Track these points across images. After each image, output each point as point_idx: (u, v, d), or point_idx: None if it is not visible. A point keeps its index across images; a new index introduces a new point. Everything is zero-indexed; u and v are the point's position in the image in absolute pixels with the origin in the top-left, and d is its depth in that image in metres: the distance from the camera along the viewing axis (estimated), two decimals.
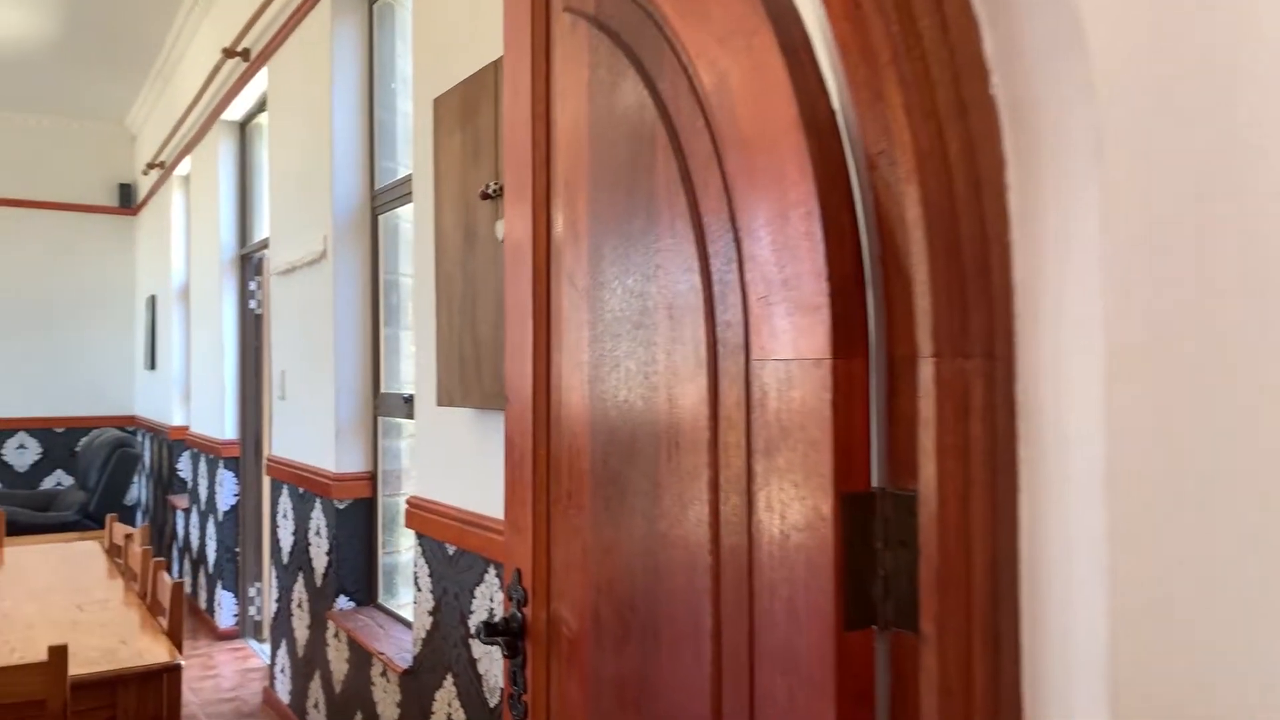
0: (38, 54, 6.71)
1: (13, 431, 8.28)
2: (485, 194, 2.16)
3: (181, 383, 6.86)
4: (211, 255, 5.71)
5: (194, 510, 6.11)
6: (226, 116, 5.37)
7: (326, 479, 3.57)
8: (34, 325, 8.37)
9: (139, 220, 8.62)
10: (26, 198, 8.32)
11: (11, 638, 2.44)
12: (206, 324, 5.85)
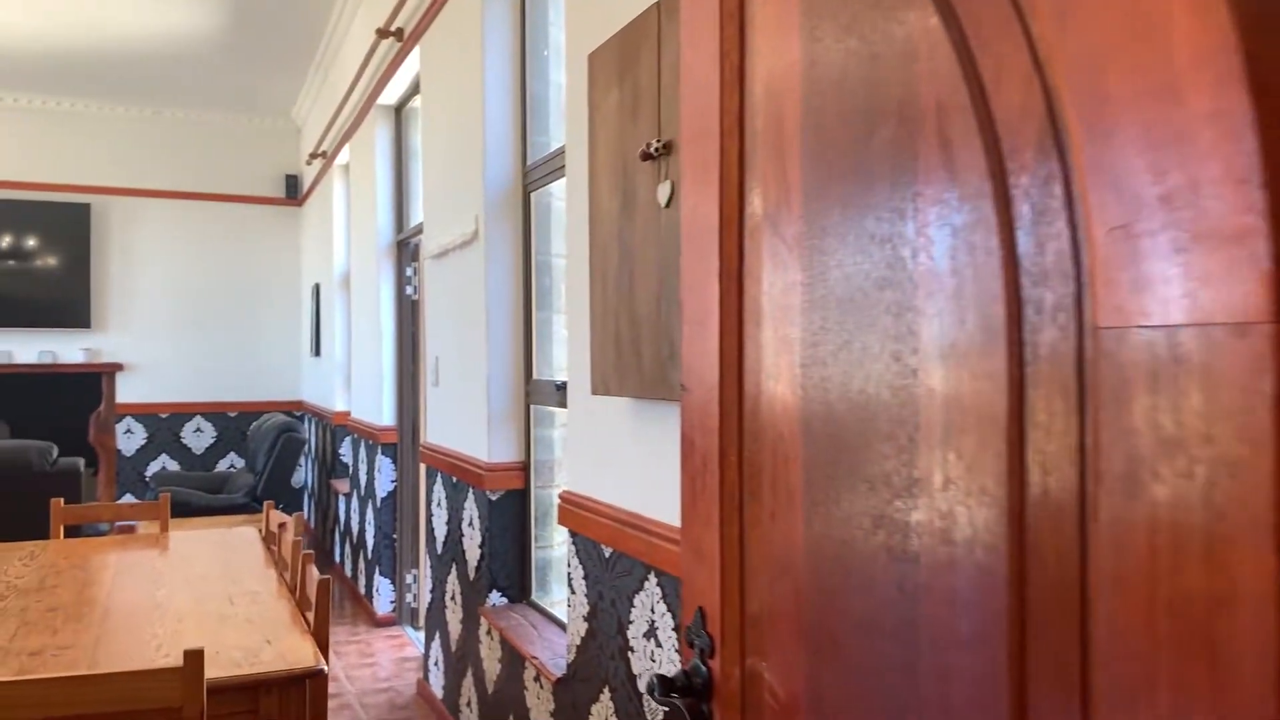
0: (208, 51, 6.92)
1: (190, 415, 8.68)
2: (647, 153, 1.90)
3: (343, 369, 6.97)
4: (370, 242, 5.72)
5: (354, 495, 6.17)
6: (382, 101, 5.34)
7: (479, 468, 3.42)
8: (209, 313, 8.73)
9: (304, 211, 8.86)
10: (202, 191, 8.68)
11: (160, 631, 2.37)
12: (366, 311, 5.87)
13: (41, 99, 8.08)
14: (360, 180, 6.05)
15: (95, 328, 8.34)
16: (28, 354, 8.17)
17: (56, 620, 2.48)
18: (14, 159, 8.04)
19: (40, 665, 2.10)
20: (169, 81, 7.66)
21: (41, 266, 8.16)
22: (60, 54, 6.96)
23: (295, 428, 6.85)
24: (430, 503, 4.23)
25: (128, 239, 8.47)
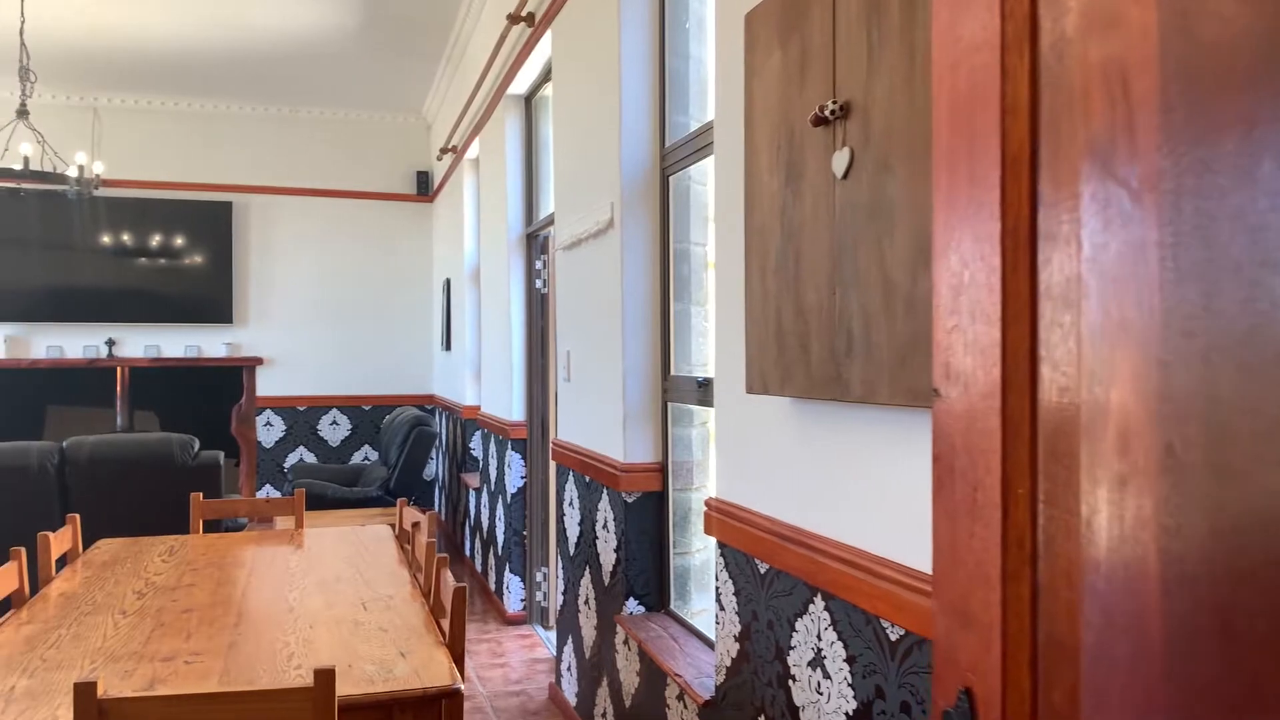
0: (342, 49, 6.99)
1: (326, 408, 8.86)
2: (820, 118, 1.66)
3: (473, 363, 6.95)
4: (499, 236, 5.64)
5: (484, 490, 6.12)
6: (512, 91, 5.24)
7: (614, 468, 3.24)
8: (344, 308, 8.90)
9: (434, 206, 8.92)
10: (336, 188, 8.84)
11: (291, 639, 2.27)
12: (495, 305, 5.80)
13: (187, 101, 8.36)
14: (490, 173, 5.98)
15: (237, 323, 8.60)
16: (175, 348, 8.48)
17: (190, 623, 2.41)
18: (161, 160, 8.35)
19: (171, 674, 2.02)
20: (305, 80, 7.80)
21: (187, 264, 8.46)
22: (203, 57, 7.15)
23: (427, 421, 6.86)
24: (562, 501, 4.09)
25: (266, 236, 8.69)
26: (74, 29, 6.47)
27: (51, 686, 1.93)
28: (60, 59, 6.98)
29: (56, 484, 4.59)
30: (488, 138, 5.98)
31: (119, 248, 8.27)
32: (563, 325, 4.12)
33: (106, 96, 8.14)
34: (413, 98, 8.38)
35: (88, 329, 8.25)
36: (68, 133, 7.64)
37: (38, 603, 2.61)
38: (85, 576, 2.91)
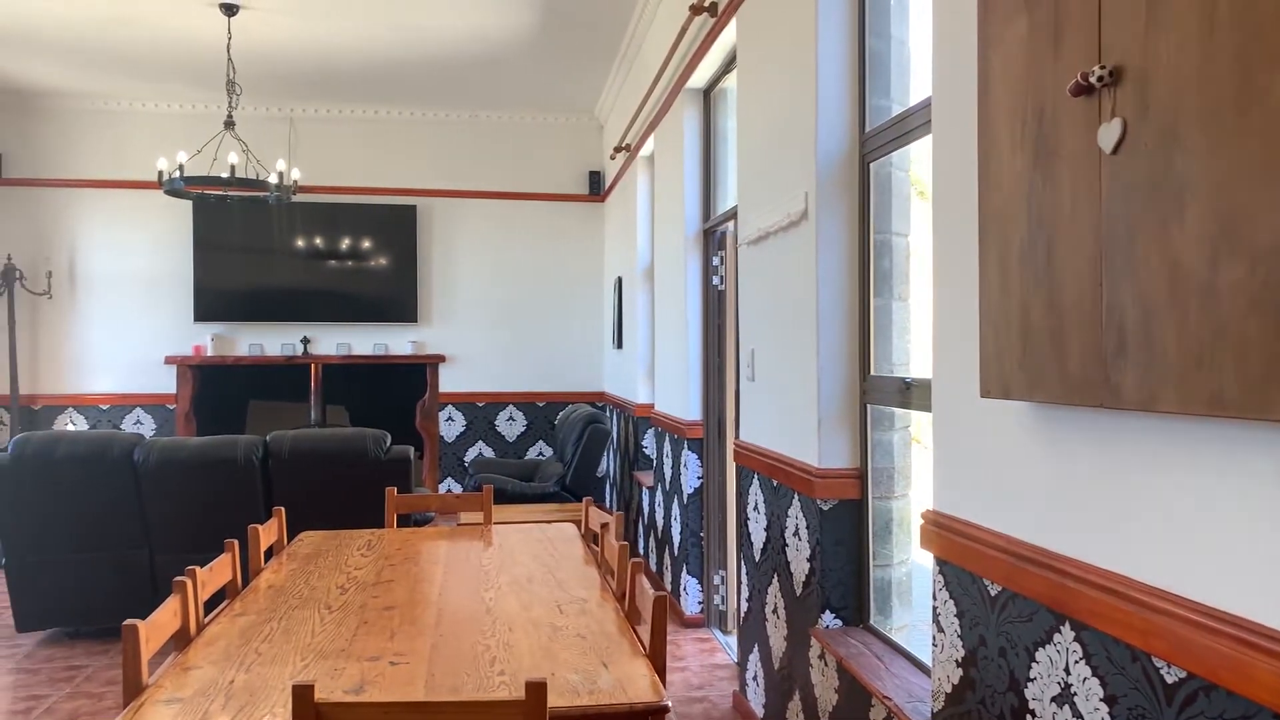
0: (518, 52, 7.09)
1: (504, 404, 9.06)
2: (1082, 86, 1.46)
3: (646, 361, 6.91)
4: (675, 233, 5.56)
5: (659, 489, 6.07)
6: (691, 84, 5.14)
7: (808, 474, 3.08)
8: (519, 308, 9.07)
9: (606, 206, 8.97)
10: (512, 190, 9.02)
11: (492, 642, 2.24)
12: (670, 303, 5.73)
13: (374, 109, 8.71)
14: (665, 170, 5.91)
15: (421, 321, 8.91)
16: (364, 346, 8.87)
17: (393, 621, 2.42)
18: (351, 166, 8.73)
19: (378, 675, 2.01)
20: (483, 85, 7.97)
21: (375, 266, 8.82)
22: (388, 66, 7.41)
23: (601, 419, 6.88)
24: (745, 505, 3.96)
25: (448, 238, 8.96)
26: (273, 44, 6.82)
27: (267, 682, 1.96)
28: (260, 73, 7.39)
29: (260, 476, 4.82)
30: (663, 134, 5.91)
31: (312, 251, 8.71)
32: (746, 323, 3.99)
33: (301, 107, 8.58)
34: (585, 98, 8.44)
35: (285, 328, 8.73)
36: (266, 142, 8.09)
37: (249, 594, 2.70)
38: (291, 569, 3.00)
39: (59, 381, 8.46)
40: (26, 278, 8.24)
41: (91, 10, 6.17)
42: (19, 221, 8.36)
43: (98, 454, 4.66)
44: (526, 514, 6.05)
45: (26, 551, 4.70)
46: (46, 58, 7.24)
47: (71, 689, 4.22)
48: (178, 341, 8.55)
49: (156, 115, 8.48)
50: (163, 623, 2.13)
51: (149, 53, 7.08)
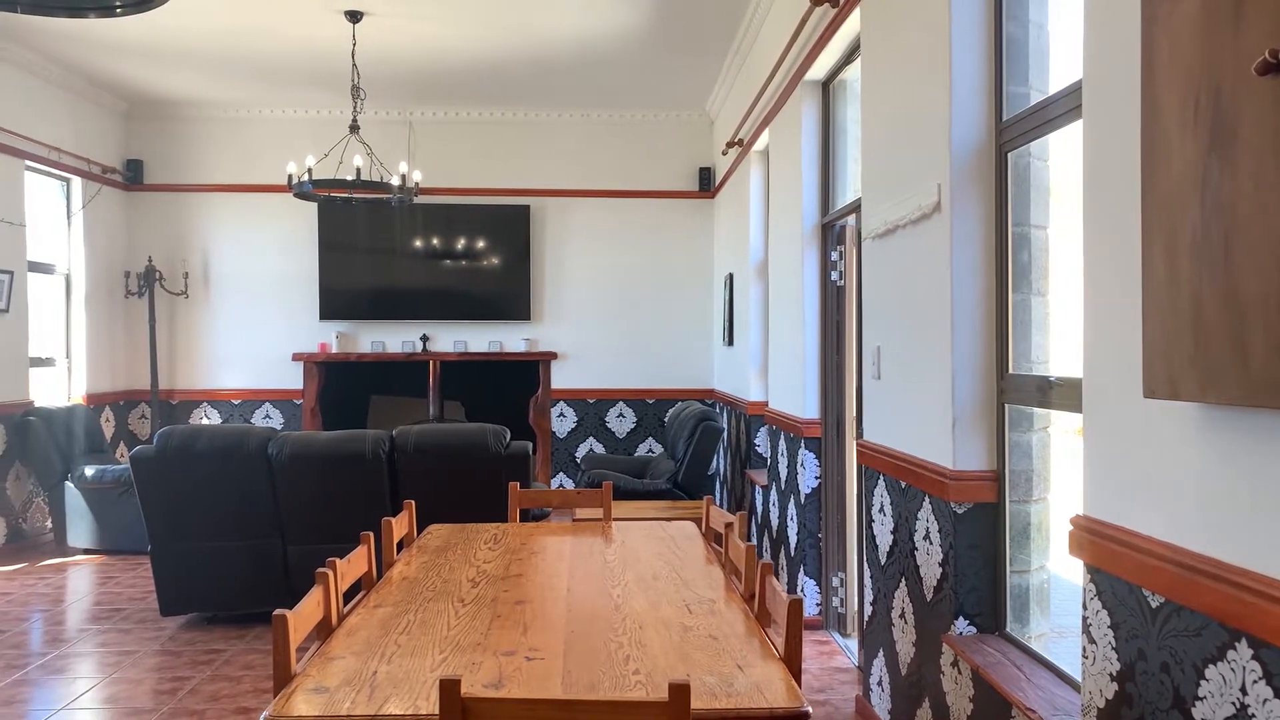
0: (631, 51, 7.11)
1: (614, 401, 9.11)
2: (1270, 64, 1.35)
3: (758, 359, 6.84)
4: (790, 228, 5.48)
5: (773, 488, 5.99)
6: (810, 77, 5.06)
7: (940, 475, 2.98)
8: (629, 305, 9.11)
9: (716, 202, 8.92)
10: (622, 188, 9.06)
11: (625, 640, 2.23)
12: (785, 299, 5.65)
13: (489, 111, 8.87)
14: (781, 164, 5.83)
15: (534, 319, 9.04)
16: (479, 343, 9.05)
17: (525, 615, 2.44)
18: (468, 167, 8.92)
19: (515, 670, 2.03)
20: (596, 84, 8.02)
21: (490, 265, 8.99)
22: (504, 68, 7.52)
23: (713, 416, 6.84)
24: (869, 506, 3.87)
25: (559, 237, 9.07)
26: (394, 49, 7.00)
27: (410, 674, 2.00)
28: (381, 77, 7.60)
29: (386, 469, 4.95)
30: (779, 128, 5.83)
31: (430, 251, 8.93)
32: (870, 319, 3.90)
33: (419, 110, 8.80)
34: (696, 94, 8.41)
35: (405, 326, 8.98)
36: (387, 145, 8.32)
37: (384, 586, 2.76)
38: (422, 562, 3.06)
39: (194, 377, 8.89)
40: (165, 278, 8.69)
41: (225, 23, 6.44)
42: (159, 225, 8.82)
43: (235, 447, 4.86)
44: (639, 510, 6.06)
45: (169, 539, 4.94)
46: (185, 70, 7.61)
47: (212, 671, 4.42)
48: (304, 339, 8.89)
49: (283, 121, 8.82)
50: (308, 613, 2.20)
51: (277, 61, 7.37)
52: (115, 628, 5.12)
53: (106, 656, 4.66)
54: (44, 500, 7.36)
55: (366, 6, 6.15)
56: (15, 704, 4.06)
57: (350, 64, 6.61)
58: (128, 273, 8.66)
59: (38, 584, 6.12)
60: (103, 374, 8.37)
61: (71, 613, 5.48)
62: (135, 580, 6.15)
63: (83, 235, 8.11)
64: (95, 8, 2.93)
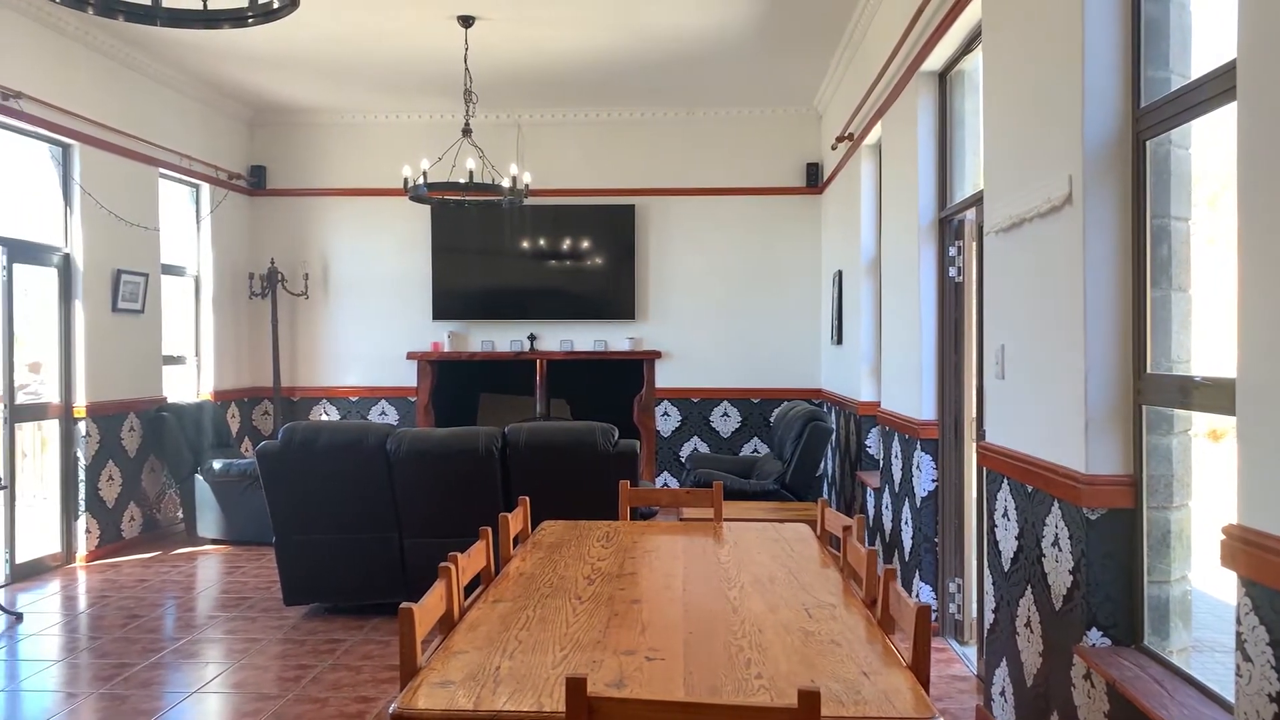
0: (738, 47, 7.05)
1: (718, 400, 9.06)
2: None
3: (869, 358, 6.70)
4: (905, 223, 5.34)
5: (886, 490, 5.86)
6: (926, 68, 4.92)
7: (1072, 480, 2.85)
8: (733, 303, 9.05)
9: (824, 197, 8.78)
10: (727, 186, 9.00)
11: (744, 643, 2.20)
12: (899, 296, 5.51)
13: (595, 111, 8.93)
14: (895, 158, 5.69)
15: (638, 318, 9.06)
16: (585, 342, 9.12)
17: (642, 614, 2.43)
18: (573, 168, 8.99)
19: (636, 670, 2.02)
20: (702, 82, 7.99)
21: (595, 265, 9.05)
22: (611, 68, 7.56)
23: (822, 417, 6.73)
24: (991, 510, 3.73)
25: (664, 236, 9.06)
26: (504, 53, 7.10)
27: (532, 670, 2.01)
28: (492, 81, 7.72)
29: (499, 466, 5.03)
30: (893, 120, 5.69)
31: (537, 251, 9.05)
32: (993, 317, 3.76)
33: (528, 112, 8.91)
34: (804, 89, 8.29)
35: (513, 325, 9.12)
36: (496, 148, 8.45)
37: (502, 581, 2.79)
38: (537, 558, 3.09)
39: (314, 375, 9.22)
40: (287, 280, 9.03)
41: (343, 31, 6.64)
42: (280, 229, 9.17)
43: (355, 443, 5.01)
44: (746, 511, 6.00)
45: (293, 531, 5.12)
46: (305, 78, 7.89)
47: (333, 661, 4.56)
48: (418, 338, 9.12)
49: (398, 126, 9.06)
50: (431, 606, 2.23)
51: (393, 68, 7.56)
52: (242, 615, 5.34)
53: (234, 643, 4.86)
54: (175, 492, 7.74)
55: (479, 11, 6.25)
56: (153, 685, 4.26)
57: (463, 68, 6.74)
58: (252, 274, 9.03)
59: (170, 572, 6.43)
60: (228, 372, 8.75)
61: (201, 600, 5.74)
62: (259, 570, 6.40)
63: (210, 239, 8.49)
64: (228, 18, 3.05)
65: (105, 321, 6.93)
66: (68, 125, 6.50)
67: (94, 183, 6.78)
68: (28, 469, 6.90)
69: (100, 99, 6.84)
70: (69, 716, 3.92)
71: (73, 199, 6.66)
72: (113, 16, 2.98)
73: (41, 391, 6.83)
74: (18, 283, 6.25)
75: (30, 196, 6.52)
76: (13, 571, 6.12)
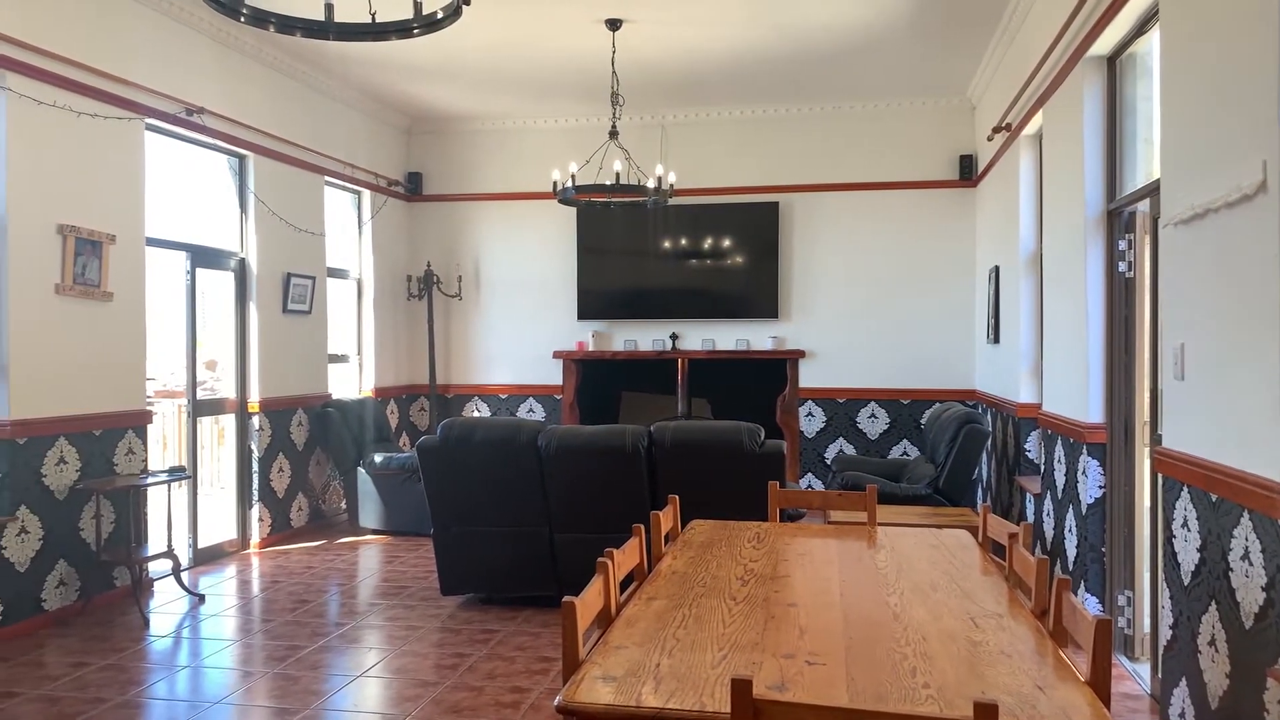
0: (889, 39, 6.88)
1: (865, 401, 8.87)
2: None
3: (1029, 357, 6.42)
4: (1070, 216, 5.08)
5: (1048, 496, 5.59)
6: (1093, 52, 4.66)
7: (1265, 489, 2.64)
8: (881, 302, 8.83)
9: (978, 190, 8.46)
10: (874, 180, 8.79)
11: (909, 652, 2.13)
12: (1063, 293, 5.25)
13: (739, 109, 8.88)
14: (1057, 147, 5.42)
15: (781, 317, 8.96)
16: (726, 341, 9.09)
17: (799, 618, 2.40)
18: (716, 167, 8.98)
19: (797, 674, 1.99)
20: (848, 75, 7.83)
21: (738, 263, 9.01)
22: (756, 65, 7.50)
23: (978, 419, 6.48)
24: (1169, 520, 3.50)
25: (808, 233, 8.93)
26: (650, 54, 7.15)
27: (692, 669, 2.00)
28: (637, 83, 7.78)
29: (645, 464, 5.06)
30: (1055, 109, 5.42)
31: (678, 251, 9.07)
32: (1171, 314, 3.53)
33: (671, 113, 8.95)
34: (957, 79, 8.02)
35: (655, 325, 9.18)
36: (640, 149, 8.52)
37: (655, 579, 2.80)
38: (689, 557, 3.09)
39: (466, 373, 9.53)
40: (442, 282, 9.37)
41: (496, 39, 6.83)
42: (435, 233, 9.53)
43: (508, 439, 5.14)
44: (896, 515, 5.84)
45: (450, 522, 5.30)
46: (458, 86, 8.16)
47: (488, 650, 4.69)
48: (564, 338, 9.30)
49: (545, 131, 9.26)
50: (590, 601, 2.26)
51: (542, 73, 7.73)
52: (401, 604, 5.56)
53: (394, 630, 5.07)
54: (339, 484, 8.15)
55: (626, 14, 6.32)
56: (320, 668, 4.49)
57: (609, 71, 6.83)
58: (409, 277, 9.41)
59: (335, 560, 6.77)
60: (387, 369, 9.15)
61: (363, 588, 6.01)
62: (417, 561, 6.66)
63: (371, 243, 8.90)
64: (395, 30, 3.17)
65: (276, 322, 7.35)
66: (243, 137, 6.93)
67: (266, 191, 7.21)
68: (205, 460, 7.41)
69: (272, 112, 7.26)
70: (246, 694, 4.17)
71: (248, 207, 7.10)
72: (290, 33, 3.15)
73: (217, 388, 7.31)
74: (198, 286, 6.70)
75: (210, 205, 6.99)
76: (195, 555, 6.57)
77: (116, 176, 5.67)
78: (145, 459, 5.93)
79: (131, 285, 5.79)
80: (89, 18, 5.46)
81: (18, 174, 4.98)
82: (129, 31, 5.77)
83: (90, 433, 5.46)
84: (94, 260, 5.45)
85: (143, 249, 5.91)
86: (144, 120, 5.90)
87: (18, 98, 4.97)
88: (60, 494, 5.25)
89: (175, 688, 4.28)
